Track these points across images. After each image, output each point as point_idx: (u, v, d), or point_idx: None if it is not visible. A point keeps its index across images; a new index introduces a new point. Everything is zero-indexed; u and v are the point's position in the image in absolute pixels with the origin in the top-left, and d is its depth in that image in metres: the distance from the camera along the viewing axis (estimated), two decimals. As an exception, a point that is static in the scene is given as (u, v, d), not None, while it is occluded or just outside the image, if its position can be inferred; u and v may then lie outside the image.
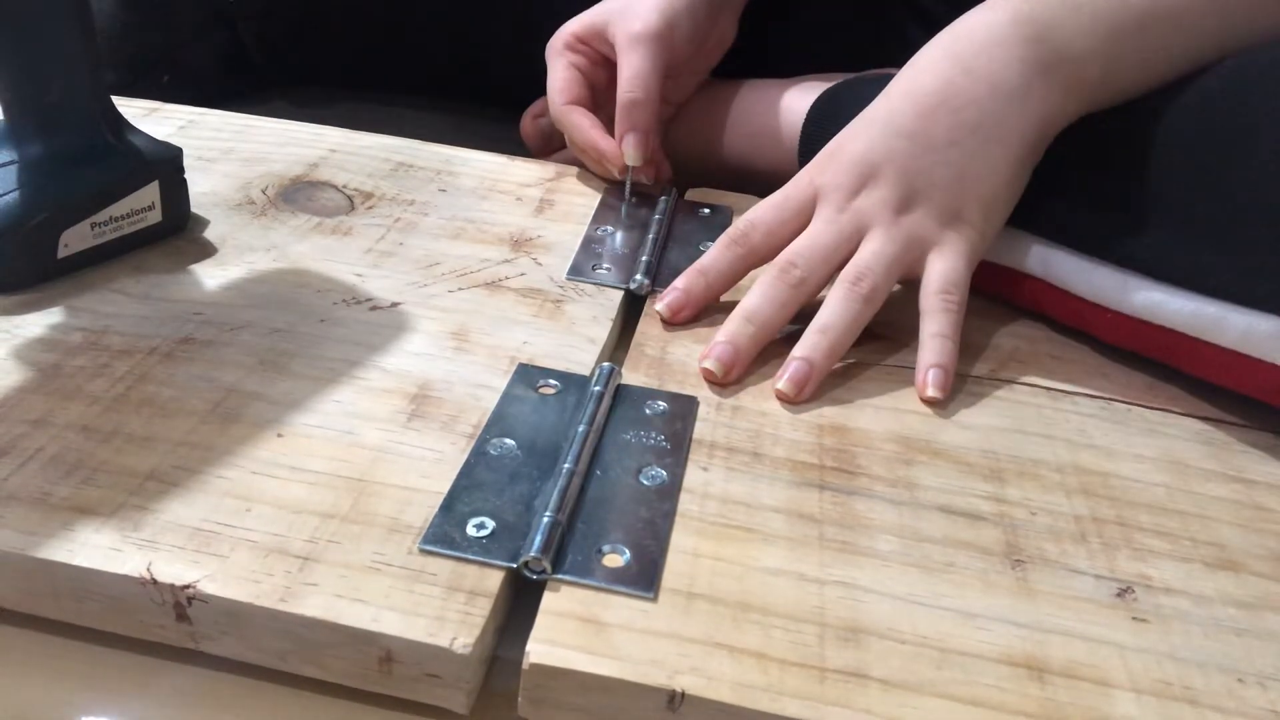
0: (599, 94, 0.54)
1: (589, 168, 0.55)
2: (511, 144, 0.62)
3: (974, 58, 0.42)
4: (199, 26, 0.65)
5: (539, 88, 0.55)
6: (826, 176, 0.44)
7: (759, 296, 0.42)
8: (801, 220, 0.44)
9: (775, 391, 0.40)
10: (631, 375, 0.40)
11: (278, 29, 0.68)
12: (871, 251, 0.42)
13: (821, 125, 0.51)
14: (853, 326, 0.41)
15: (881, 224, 0.42)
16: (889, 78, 0.52)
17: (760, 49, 0.60)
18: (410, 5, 0.66)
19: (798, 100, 0.53)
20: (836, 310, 0.41)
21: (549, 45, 0.55)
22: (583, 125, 0.53)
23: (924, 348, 0.41)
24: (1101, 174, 0.42)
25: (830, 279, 0.43)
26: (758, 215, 0.44)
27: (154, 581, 0.29)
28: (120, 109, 0.45)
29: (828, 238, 0.43)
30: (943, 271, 0.42)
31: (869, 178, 0.43)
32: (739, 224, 0.45)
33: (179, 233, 0.47)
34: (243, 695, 0.30)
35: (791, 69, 0.58)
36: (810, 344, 0.40)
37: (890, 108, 0.43)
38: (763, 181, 0.46)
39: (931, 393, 0.40)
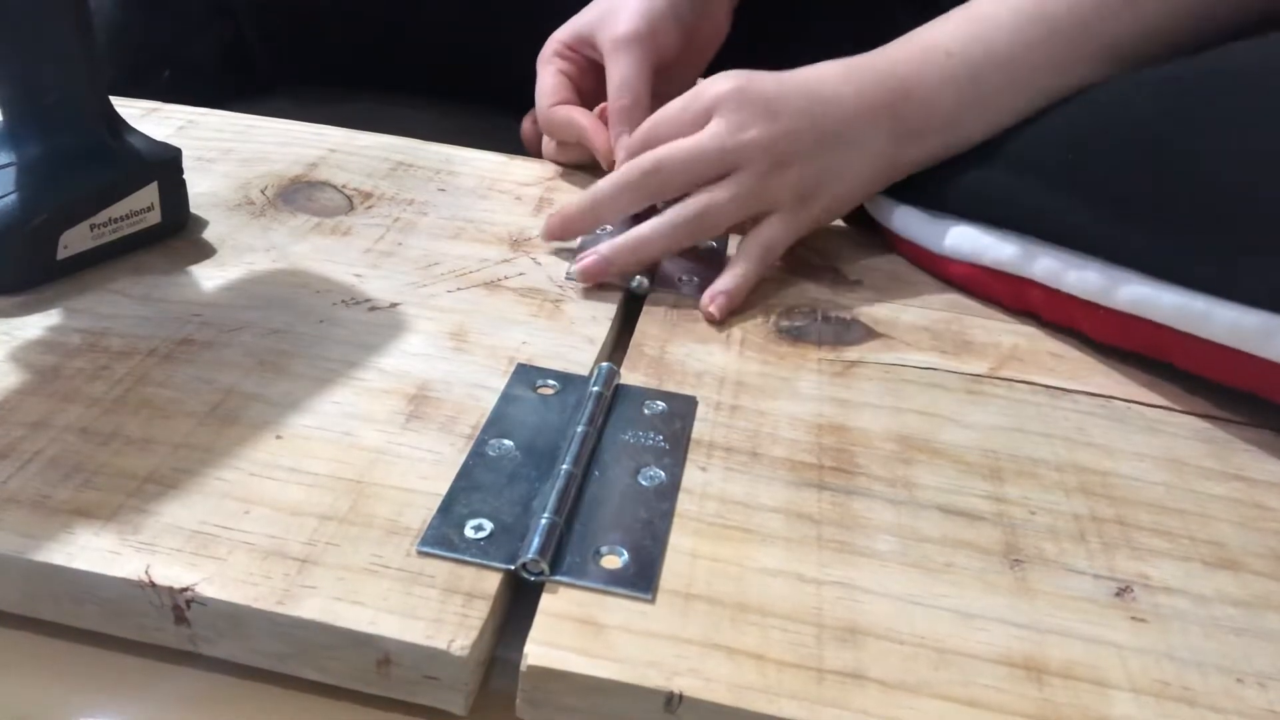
0: (586, 99, 0.55)
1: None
2: (511, 143, 0.62)
3: (902, 82, 0.46)
4: (200, 23, 0.65)
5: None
6: (728, 104, 0.45)
7: (615, 188, 0.46)
8: (694, 129, 0.46)
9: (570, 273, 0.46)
10: (630, 375, 0.40)
11: (278, 25, 0.68)
12: (730, 197, 0.45)
13: None
14: (668, 250, 0.46)
15: (753, 173, 0.45)
16: None
17: (763, 49, 0.60)
18: (412, 3, 0.65)
19: None
20: (665, 232, 0.45)
21: (540, 54, 0.56)
22: (572, 117, 0.54)
23: (726, 275, 0.45)
24: (1083, 170, 0.42)
25: (684, 190, 0.46)
26: (664, 142, 0.46)
27: (153, 584, 0.29)
28: (119, 109, 0.45)
29: (705, 163, 0.45)
30: (772, 235, 0.46)
31: (767, 118, 0.45)
32: (644, 157, 0.46)
33: (178, 233, 0.47)
34: (241, 697, 0.30)
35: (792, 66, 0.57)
36: (622, 246, 0.45)
37: (819, 80, 0.46)
38: None
39: (711, 310, 0.44)
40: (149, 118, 0.58)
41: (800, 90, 0.46)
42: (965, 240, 0.46)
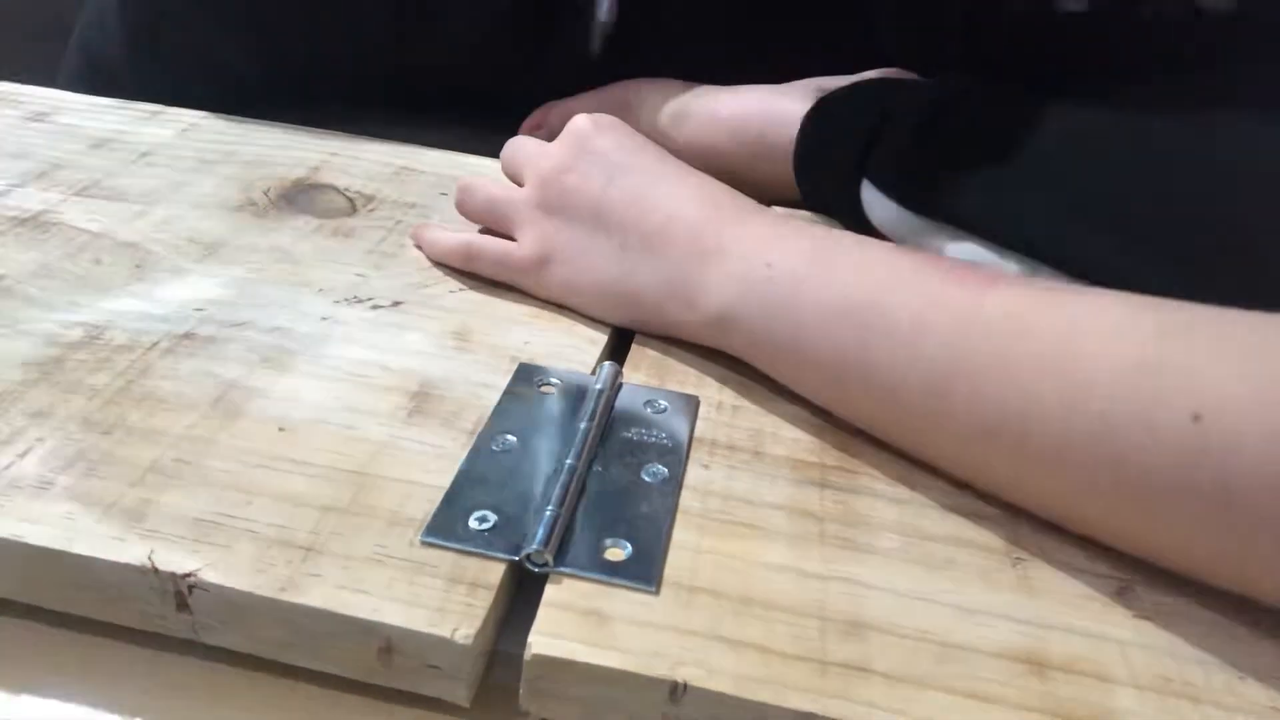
0: None
1: None
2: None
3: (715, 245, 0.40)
4: (203, 75, 0.65)
5: (538, 97, 0.56)
6: (544, 178, 0.45)
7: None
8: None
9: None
10: (632, 375, 0.40)
11: (280, 79, 0.67)
12: (498, 258, 0.46)
13: (815, 140, 0.51)
14: (447, 258, 0.47)
15: (527, 238, 0.45)
16: (878, 83, 0.52)
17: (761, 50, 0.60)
18: (417, 48, 0.65)
19: (791, 109, 0.53)
20: (447, 252, 0.47)
21: None
22: None
23: (446, 230, 0.48)
24: (1087, 196, 0.43)
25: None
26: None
27: (155, 570, 0.29)
28: (124, 110, 0.45)
29: (503, 208, 0.47)
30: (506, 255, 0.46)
31: (557, 209, 0.44)
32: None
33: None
34: (241, 687, 0.29)
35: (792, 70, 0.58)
36: (437, 238, 0.47)
37: (634, 187, 0.43)
38: (760, 194, 0.46)
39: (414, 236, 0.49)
40: (152, 120, 0.59)
41: (618, 195, 0.43)
42: (967, 254, 0.46)
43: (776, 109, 0.53)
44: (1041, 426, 0.31)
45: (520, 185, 0.47)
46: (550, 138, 0.59)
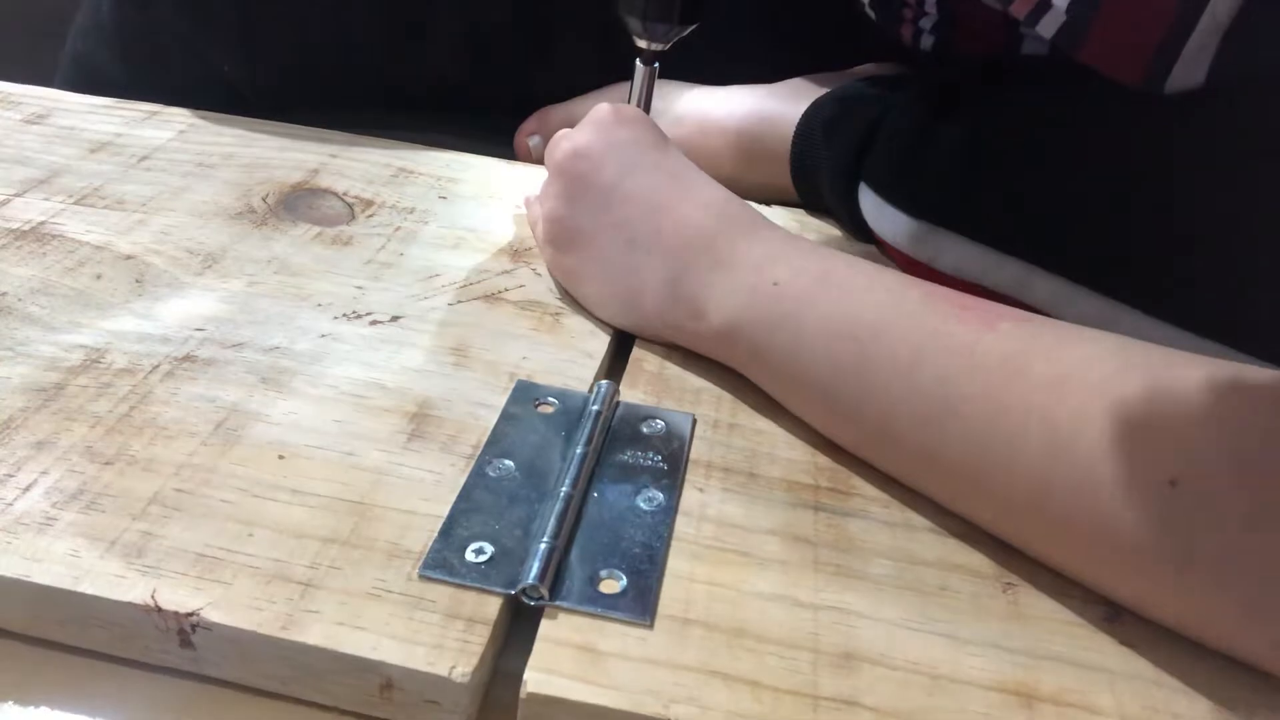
0: None
1: None
2: (511, 149, 0.62)
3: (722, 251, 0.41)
4: (197, 83, 0.64)
5: (537, 100, 0.56)
6: (559, 162, 0.45)
7: None
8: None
9: None
10: (629, 392, 0.41)
11: (275, 86, 0.66)
12: (534, 231, 0.48)
13: (811, 145, 0.51)
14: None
15: (544, 219, 0.46)
16: (872, 84, 0.51)
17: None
18: (411, 49, 0.64)
19: (785, 112, 0.53)
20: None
21: None
22: None
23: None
24: (1079, 202, 0.43)
25: None
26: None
27: (158, 609, 0.29)
28: (121, 111, 0.45)
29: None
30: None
31: (569, 192, 0.45)
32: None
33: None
34: (244, 707, 0.30)
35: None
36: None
37: (651, 188, 0.43)
38: (757, 195, 0.46)
39: None
40: (150, 121, 0.59)
41: (641, 195, 0.43)
42: (963, 257, 0.46)
43: (770, 112, 0.53)
44: (1025, 471, 0.32)
45: None
46: (542, 146, 0.59)
